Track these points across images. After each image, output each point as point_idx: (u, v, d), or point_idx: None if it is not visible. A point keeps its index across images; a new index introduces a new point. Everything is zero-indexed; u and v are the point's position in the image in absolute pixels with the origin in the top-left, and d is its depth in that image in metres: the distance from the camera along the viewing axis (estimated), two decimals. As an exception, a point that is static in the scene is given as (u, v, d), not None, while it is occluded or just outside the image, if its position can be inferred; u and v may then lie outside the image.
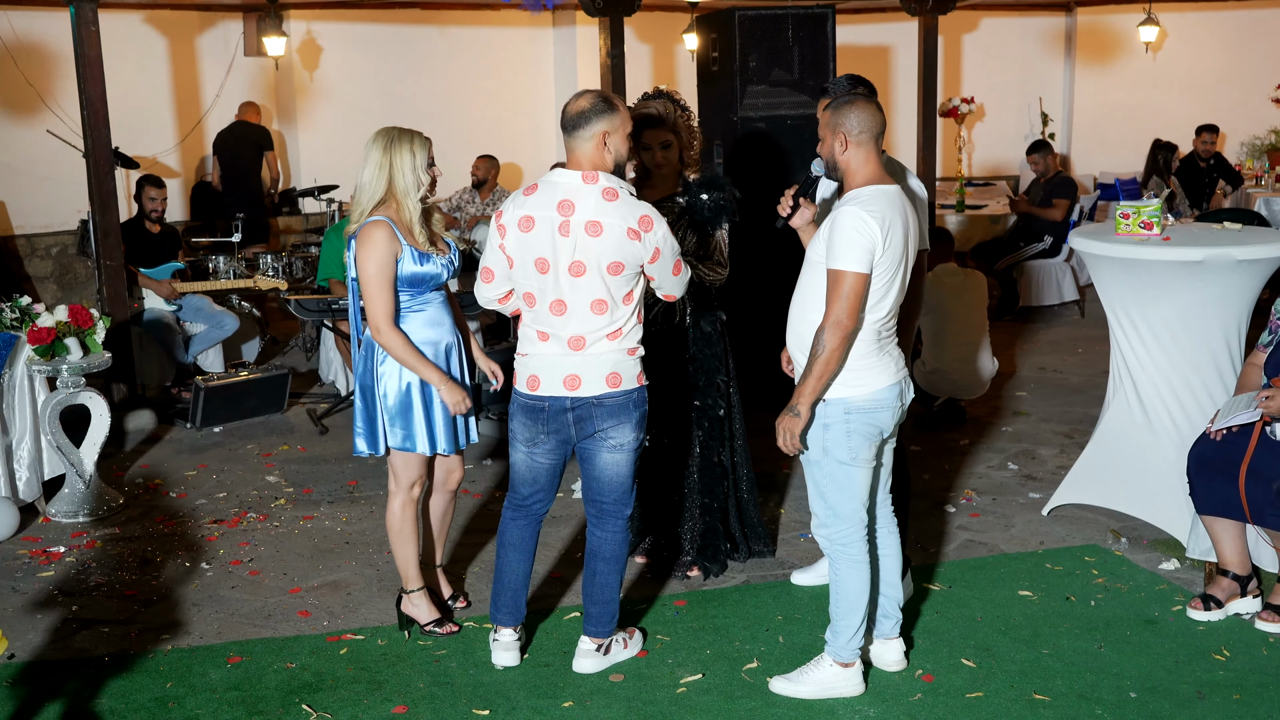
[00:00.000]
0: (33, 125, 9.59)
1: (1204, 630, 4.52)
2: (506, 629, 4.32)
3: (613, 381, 4.03)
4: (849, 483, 3.99)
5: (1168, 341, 5.19)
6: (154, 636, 4.66)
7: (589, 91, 4.03)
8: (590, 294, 3.96)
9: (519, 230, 3.98)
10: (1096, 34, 14.19)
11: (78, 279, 10.43)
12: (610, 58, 9.36)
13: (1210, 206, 11.49)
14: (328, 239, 8.20)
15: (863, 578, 4.05)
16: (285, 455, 6.95)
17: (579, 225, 3.91)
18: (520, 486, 4.27)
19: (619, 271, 3.95)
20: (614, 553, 4.25)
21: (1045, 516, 5.68)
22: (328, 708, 4.09)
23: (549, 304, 3.99)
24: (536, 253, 3.96)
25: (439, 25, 12.15)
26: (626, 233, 3.91)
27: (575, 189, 3.94)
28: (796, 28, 7.41)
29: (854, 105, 3.95)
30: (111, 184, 7.49)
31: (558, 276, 3.95)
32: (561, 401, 4.05)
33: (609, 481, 4.18)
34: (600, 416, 4.06)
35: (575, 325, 3.99)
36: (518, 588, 4.30)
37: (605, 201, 3.92)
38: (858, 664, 4.10)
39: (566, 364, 4.02)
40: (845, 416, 3.92)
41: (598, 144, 3.95)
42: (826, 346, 3.80)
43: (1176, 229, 5.50)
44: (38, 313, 5.99)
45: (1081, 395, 7.77)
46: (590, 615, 4.30)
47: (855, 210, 3.81)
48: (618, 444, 4.12)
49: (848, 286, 3.78)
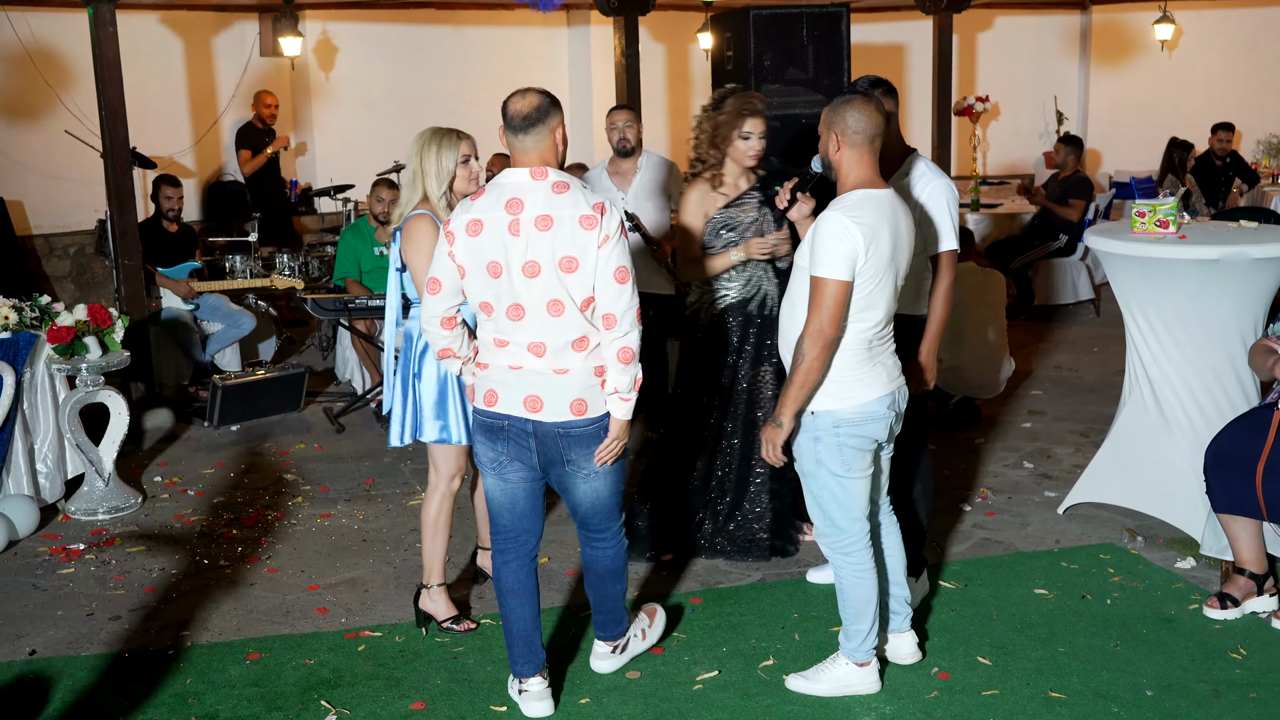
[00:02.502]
0: (50, 126, 9.64)
1: (1220, 629, 4.52)
2: (533, 678, 4.03)
3: (578, 408, 3.76)
4: (844, 494, 3.95)
5: (1184, 340, 5.19)
6: (173, 633, 4.69)
7: (530, 90, 3.80)
8: (545, 294, 3.70)
9: (467, 235, 3.74)
10: (1112, 32, 14.15)
11: (95, 278, 10.48)
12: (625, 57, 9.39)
13: (1226, 205, 11.45)
14: (344, 239, 8.24)
15: (868, 584, 4.02)
16: (302, 454, 6.98)
17: (529, 222, 3.68)
18: (499, 516, 3.99)
19: (573, 268, 3.68)
20: (611, 566, 4.11)
21: (1061, 515, 5.68)
22: (346, 704, 4.12)
23: (505, 309, 3.75)
24: (488, 257, 3.72)
25: (454, 25, 12.18)
26: (579, 221, 3.67)
27: (523, 186, 3.73)
28: (811, 26, 7.40)
29: (850, 104, 3.87)
30: (129, 184, 7.54)
31: (511, 279, 3.71)
32: (522, 424, 3.81)
33: (591, 506, 3.98)
34: (567, 446, 3.81)
35: (533, 330, 3.74)
36: (529, 634, 4.02)
37: (555, 194, 3.70)
38: (873, 662, 4.10)
39: (527, 381, 3.77)
40: (835, 430, 3.87)
41: (554, 139, 3.77)
42: (806, 355, 3.74)
43: (1192, 227, 5.49)
44: (57, 312, 6.03)
45: (1097, 394, 7.76)
46: (598, 622, 4.24)
47: (838, 216, 3.74)
48: (590, 473, 3.87)
49: (828, 294, 3.71)
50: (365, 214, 8.27)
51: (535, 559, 4.07)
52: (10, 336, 5.82)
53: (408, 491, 6.27)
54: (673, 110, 12.86)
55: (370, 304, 7.57)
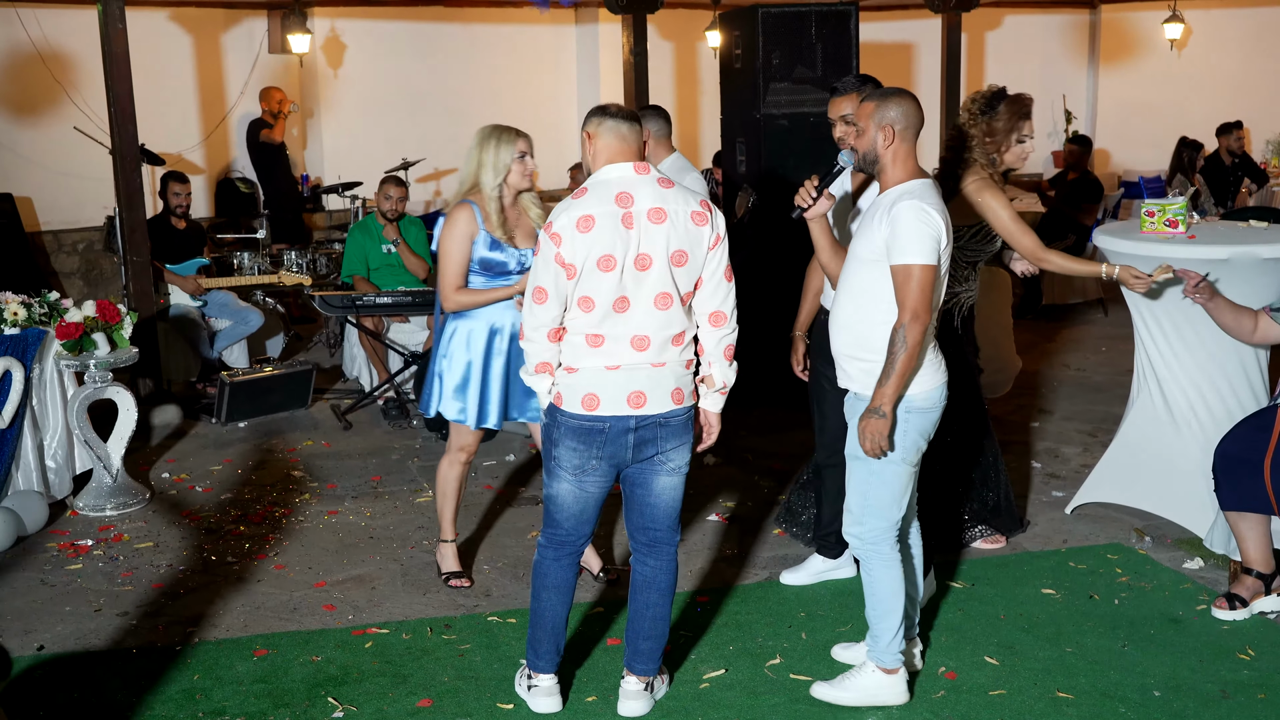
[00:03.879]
0: (59, 122, 9.65)
1: (1228, 629, 4.51)
2: (546, 675, 4.03)
3: (678, 397, 3.80)
4: (895, 480, 3.91)
5: (1192, 340, 5.18)
6: (180, 629, 4.70)
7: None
8: (655, 287, 3.72)
9: (577, 231, 3.67)
10: (1121, 31, 14.13)
11: (104, 275, 10.49)
12: (633, 55, 9.38)
13: (1235, 205, 11.43)
14: (352, 235, 8.25)
15: (896, 576, 3.97)
16: (310, 450, 6.99)
17: (641, 214, 3.70)
18: (564, 521, 3.92)
19: (683, 262, 3.73)
20: (669, 584, 3.98)
21: (1069, 515, 5.67)
22: (353, 701, 4.12)
23: (612, 302, 3.71)
24: (600, 250, 3.67)
25: (462, 22, 12.18)
26: (691, 216, 3.74)
27: (629, 180, 3.75)
28: (819, 25, 7.41)
29: (901, 98, 3.88)
30: (138, 180, 7.54)
31: (623, 272, 3.70)
32: (625, 422, 3.76)
33: (664, 508, 3.91)
34: (664, 437, 3.81)
35: (638, 323, 3.73)
36: (559, 632, 4.01)
37: (662, 189, 3.75)
38: (902, 670, 4.01)
39: (625, 380, 3.74)
40: (906, 415, 3.85)
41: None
42: (909, 342, 3.71)
43: (1202, 227, 5.48)
44: (66, 308, 6.04)
45: (1105, 394, 7.75)
46: (640, 652, 4.00)
47: (916, 204, 3.76)
48: (676, 466, 3.87)
49: (919, 279, 3.72)
50: (373, 211, 8.27)
51: (578, 560, 4.03)
52: (19, 333, 5.83)
53: (415, 489, 6.28)
54: (680, 108, 12.85)
55: (378, 301, 7.58)
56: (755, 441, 6.76)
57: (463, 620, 4.72)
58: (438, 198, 12.04)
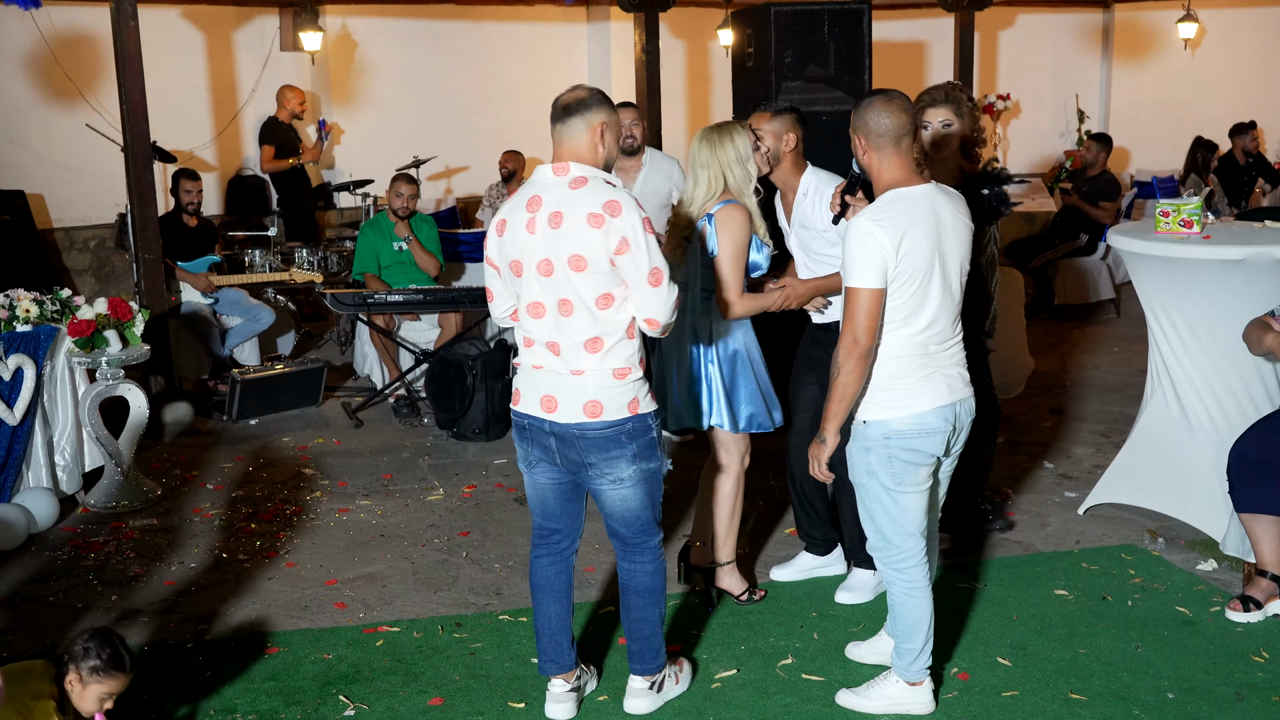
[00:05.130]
0: (72, 119, 9.66)
1: (1242, 631, 4.49)
2: (556, 679, 4.01)
3: (591, 410, 3.66)
4: (896, 509, 3.79)
5: (1207, 341, 5.15)
6: (192, 626, 4.70)
7: (582, 86, 3.79)
8: (557, 293, 3.63)
9: (496, 235, 3.77)
10: (1134, 30, 14.07)
11: (115, 272, 10.50)
12: (645, 53, 9.37)
13: (1249, 205, 11.39)
14: (363, 233, 8.25)
15: (919, 601, 3.86)
16: (321, 448, 6.99)
17: (543, 219, 3.62)
18: (534, 515, 3.99)
19: (581, 267, 3.58)
20: (647, 585, 3.93)
21: (1081, 516, 5.65)
22: (364, 699, 4.12)
23: (526, 307, 3.73)
24: (510, 255, 3.71)
25: (474, 20, 12.17)
26: (587, 219, 3.55)
27: (546, 183, 3.68)
28: (832, 23, 7.38)
29: (870, 105, 3.75)
30: (150, 178, 7.54)
31: (529, 277, 3.67)
32: (540, 423, 3.76)
33: (620, 516, 3.85)
34: (585, 449, 3.71)
35: (548, 330, 3.69)
36: (556, 633, 3.99)
37: (570, 190, 3.61)
38: (927, 682, 3.95)
39: (542, 381, 3.73)
40: (885, 441, 3.72)
41: (593, 134, 3.67)
42: (842, 368, 3.64)
43: (1217, 227, 5.45)
44: (78, 305, 6.04)
45: (1117, 394, 7.72)
46: (633, 653, 4.00)
47: (862, 223, 3.62)
48: (615, 479, 3.75)
49: (859, 304, 3.60)
50: (385, 209, 8.27)
51: (570, 559, 4.01)
52: (31, 329, 5.84)
53: (426, 487, 6.28)
54: (692, 107, 12.84)
55: (390, 299, 7.59)
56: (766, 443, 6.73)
57: (474, 619, 4.72)
58: (449, 195, 12.03)
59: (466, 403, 7.02)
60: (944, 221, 3.70)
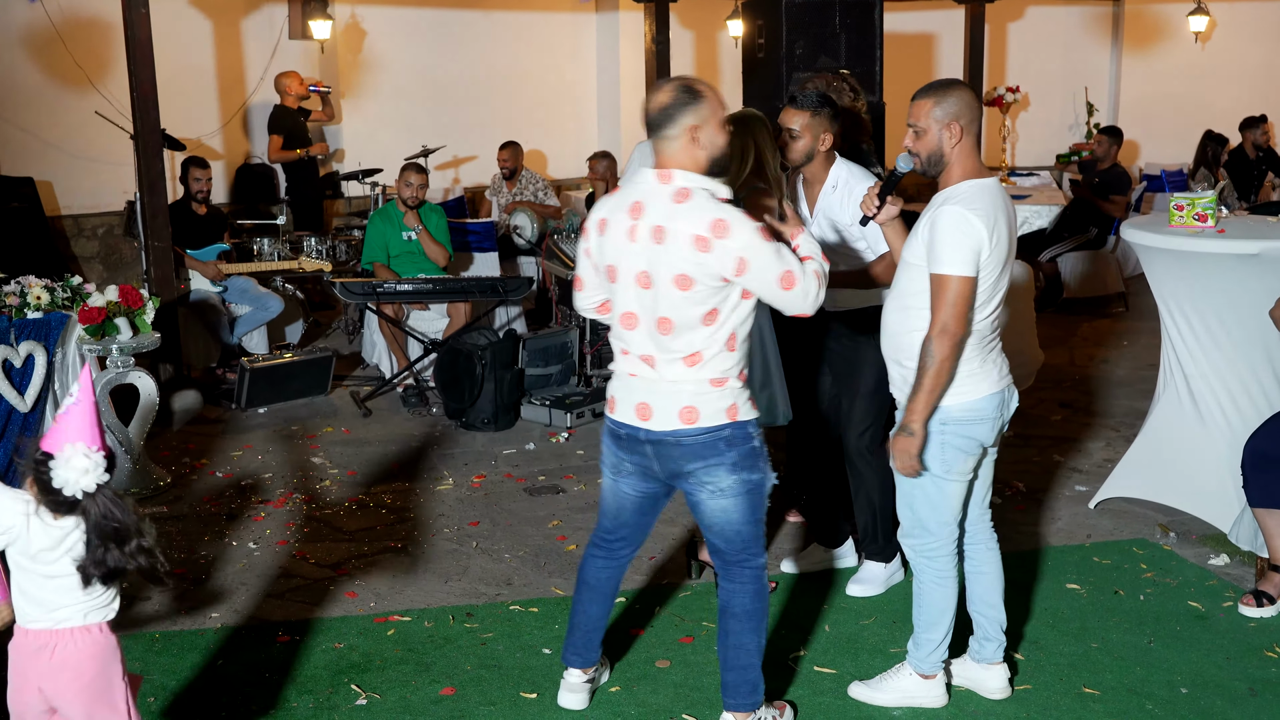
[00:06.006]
0: (80, 106, 9.65)
1: (1255, 626, 4.48)
2: (575, 670, 3.97)
3: (687, 417, 3.49)
4: (940, 496, 3.75)
5: (1220, 335, 5.13)
6: (203, 615, 4.70)
7: (670, 82, 3.53)
8: (656, 310, 3.46)
9: (596, 232, 3.59)
10: (1144, 23, 14.04)
11: (123, 260, 10.49)
12: (655, 44, 9.36)
13: (1259, 199, 11.36)
14: (372, 223, 8.24)
15: (946, 593, 3.84)
16: (329, 437, 6.99)
17: (645, 230, 3.45)
18: (603, 518, 3.84)
19: (687, 286, 3.41)
20: (747, 608, 3.68)
21: (1093, 510, 5.64)
22: (376, 688, 4.12)
23: (619, 316, 3.57)
24: (608, 258, 3.55)
25: (483, 10, 12.15)
26: (693, 241, 3.37)
27: (649, 190, 3.49)
28: (844, 14, 7.36)
29: (961, 91, 3.66)
30: (160, 165, 7.53)
31: (625, 287, 3.52)
32: (636, 432, 3.58)
33: (720, 530, 3.64)
34: (682, 457, 3.53)
35: (641, 342, 3.53)
36: (590, 630, 3.92)
37: (674, 204, 3.43)
38: (940, 676, 3.94)
39: (637, 388, 3.56)
40: (941, 427, 3.66)
41: (686, 139, 3.46)
42: (936, 357, 3.54)
43: (1231, 221, 5.43)
44: (89, 292, 6.03)
45: (1127, 388, 7.70)
46: (727, 685, 3.74)
47: (958, 210, 3.54)
48: (715, 489, 3.56)
49: (954, 291, 3.51)
50: (394, 198, 8.26)
51: (625, 566, 3.91)
52: (42, 317, 5.83)
53: (435, 476, 6.27)
54: (700, 98, 12.81)
55: (399, 288, 7.58)
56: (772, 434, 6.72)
57: (484, 609, 4.71)
58: (456, 185, 12.02)
59: (475, 392, 7.01)
60: (1010, 214, 3.71)
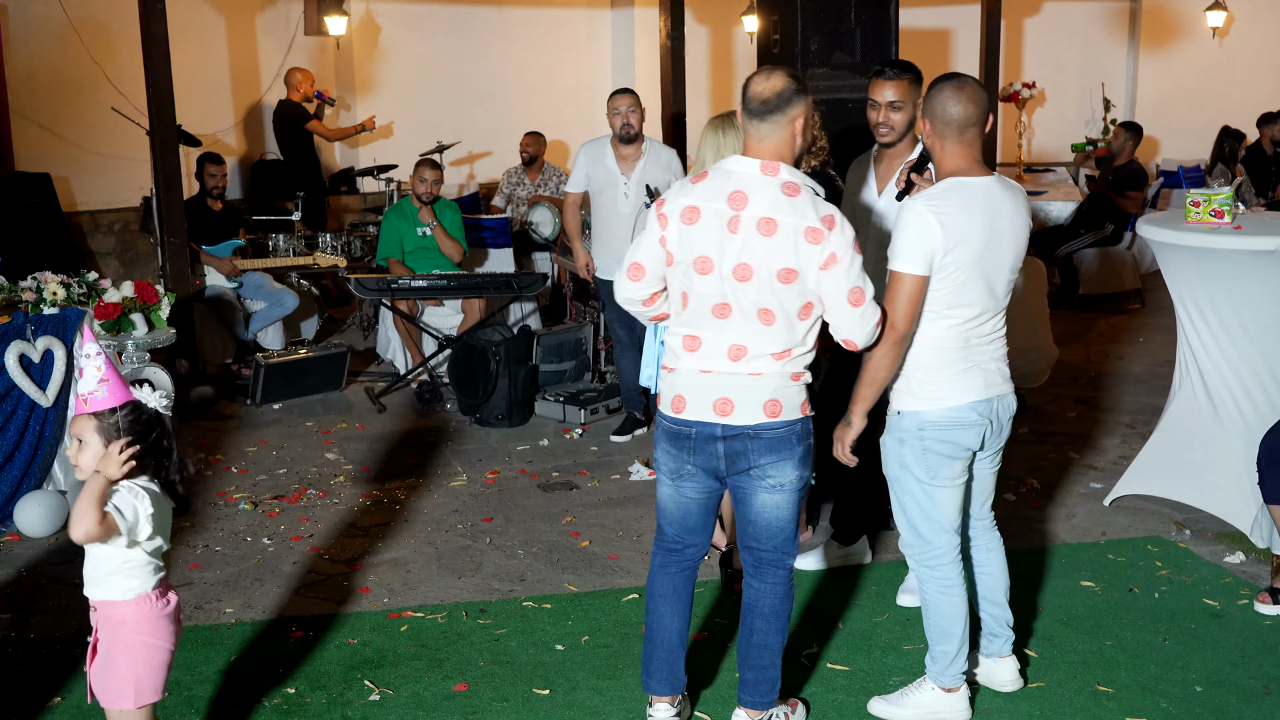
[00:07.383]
0: (96, 102, 9.69)
1: (1271, 625, 4.46)
2: (663, 701, 3.75)
3: (771, 410, 3.45)
4: (930, 503, 3.72)
5: (1237, 332, 5.11)
6: (217, 610, 4.71)
7: (778, 69, 3.46)
8: (757, 301, 3.40)
9: (681, 222, 3.44)
10: (1161, 18, 13.97)
11: (139, 255, 10.53)
12: (670, 39, 9.33)
13: (1276, 195, 11.30)
14: (387, 218, 8.26)
15: (953, 600, 3.77)
16: (344, 433, 7.00)
17: (750, 221, 3.36)
18: (667, 526, 3.70)
19: (791, 279, 3.36)
20: (775, 608, 3.66)
21: (1107, 507, 5.62)
22: (389, 684, 4.12)
23: (711, 307, 3.44)
24: (699, 250, 3.41)
25: (498, 6, 12.16)
26: (805, 233, 3.33)
27: (751, 180, 3.40)
28: (859, 10, 7.33)
29: (941, 91, 3.63)
30: (176, 161, 7.55)
31: (721, 279, 3.41)
32: (711, 429, 3.48)
33: (767, 526, 3.59)
34: (756, 451, 3.48)
35: (737, 333, 3.44)
36: (673, 648, 3.72)
37: (784, 196, 3.36)
38: (963, 688, 3.84)
39: (717, 384, 3.46)
40: (919, 433, 3.65)
41: (792, 131, 3.42)
42: (875, 352, 3.55)
43: (1248, 218, 5.40)
44: (104, 288, 6.06)
45: (1143, 385, 7.67)
46: (746, 682, 3.72)
47: (916, 207, 3.52)
48: (777, 483, 3.52)
49: (901, 288, 3.51)
50: (408, 194, 8.27)
51: (696, 569, 3.77)
52: (59, 312, 5.85)
53: (449, 472, 6.28)
54: (716, 93, 12.80)
55: (413, 284, 7.59)
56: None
57: (498, 605, 4.72)
58: (471, 181, 12.03)
59: (490, 388, 7.02)
60: (1001, 215, 3.60)
